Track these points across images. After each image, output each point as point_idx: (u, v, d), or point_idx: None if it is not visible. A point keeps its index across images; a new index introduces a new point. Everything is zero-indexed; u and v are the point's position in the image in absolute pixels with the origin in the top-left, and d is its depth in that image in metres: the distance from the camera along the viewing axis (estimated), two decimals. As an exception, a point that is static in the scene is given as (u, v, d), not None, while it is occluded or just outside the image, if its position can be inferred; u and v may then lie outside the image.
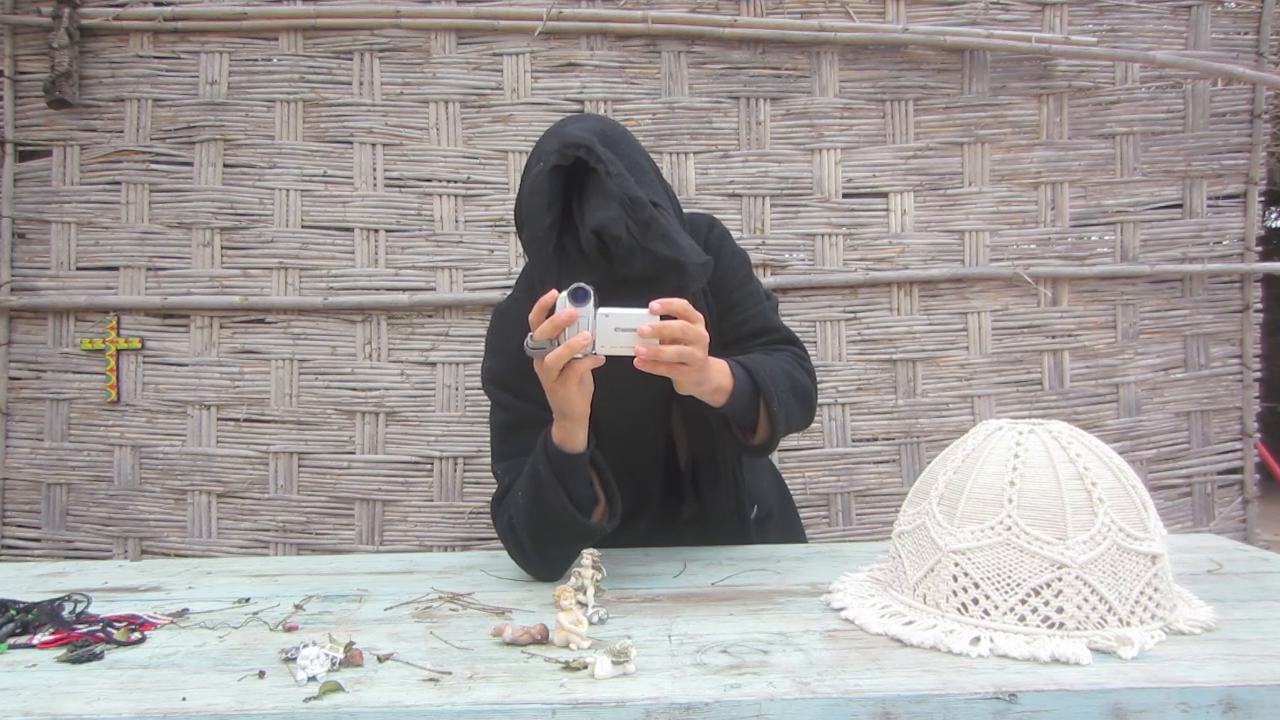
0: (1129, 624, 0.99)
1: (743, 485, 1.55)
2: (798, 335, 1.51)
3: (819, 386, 2.35)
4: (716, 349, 1.43)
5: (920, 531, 1.09)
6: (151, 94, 2.38)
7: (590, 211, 1.26)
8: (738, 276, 1.51)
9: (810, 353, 2.35)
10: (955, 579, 1.03)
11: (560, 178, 1.27)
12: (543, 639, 1.00)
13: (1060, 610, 0.98)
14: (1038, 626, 0.98)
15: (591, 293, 1.12)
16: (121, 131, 2.38)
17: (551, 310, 1.13)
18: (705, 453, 1.48)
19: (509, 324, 1.44)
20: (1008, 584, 1.00)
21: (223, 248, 2.38)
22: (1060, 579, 0.99)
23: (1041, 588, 0.99)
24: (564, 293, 1.11)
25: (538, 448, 1.29)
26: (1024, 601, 0.99)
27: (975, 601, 1.01)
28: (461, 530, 2.37)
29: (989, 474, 1.05)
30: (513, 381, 1.41)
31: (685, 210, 1.57)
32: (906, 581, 1.09)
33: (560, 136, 1.28)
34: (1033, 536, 1.00)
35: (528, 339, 1.16)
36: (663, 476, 1.52)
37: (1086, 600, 0.99)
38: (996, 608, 1.00)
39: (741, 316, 1.48)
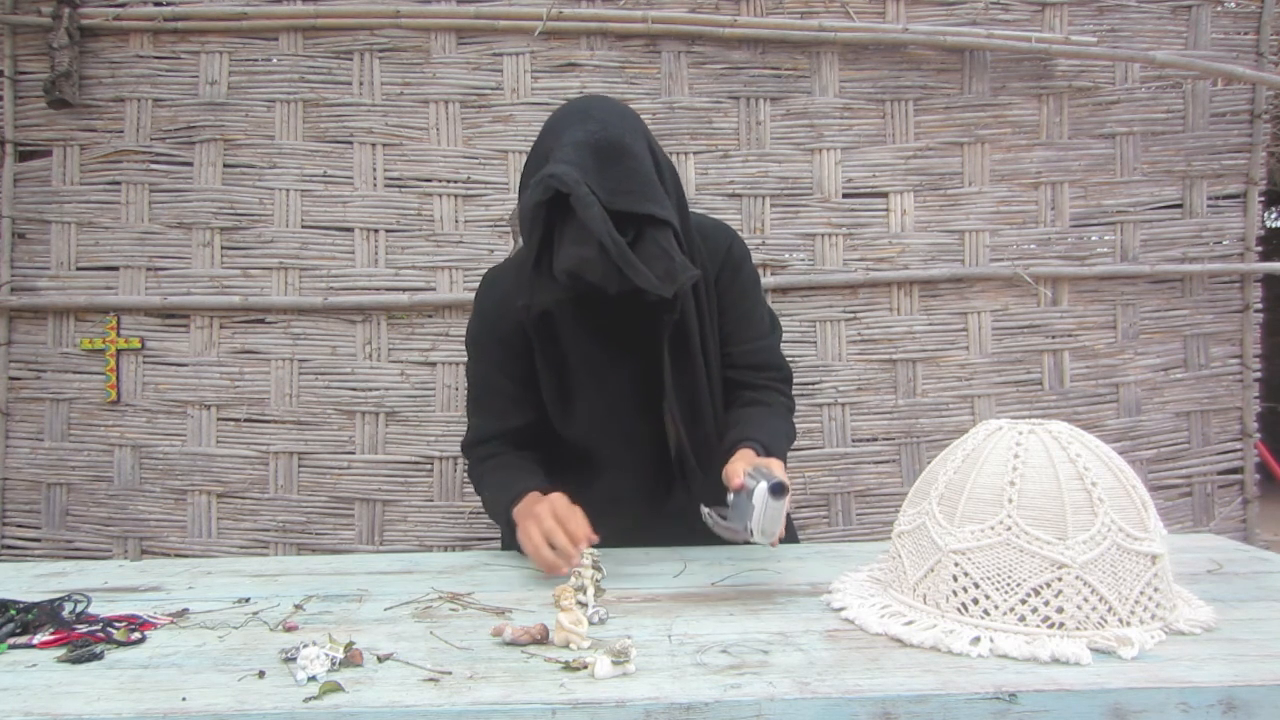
0: (1129, 624, 0.99)
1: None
2: (790, 368, 1.58)
3: (818, 386, 2.39)
4: (715, 354, 1.50)
5: (920, 531, 1.09)
6: (151, 94, 2.38)
7: (566, 247, 1.30)
8: (749, 299, 1.55)
9: (810, 353, 2.39)
10: (955, 579, 1.03)
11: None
12: (543, 639, 1.00)
13: (1060, 610, 0.98)
14: (1038, 626, 0.98)
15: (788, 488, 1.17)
16: (121, 131, 2.38)
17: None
18: (696, 444, 1.49)
19: (492, 287, 1.54)
20: (1008, 584, 1.00)
21: (223, 248, 2.38)
22: (1060, 579, 0.99)
23: (1041, 588, 0.99)
24: (763, 483, 1.15)
25: (503, 503, 1.40)
26: (1024, 601, 0.99)
27: (975, 601, 1.01)
28: (461, 530, 2.37)
29: (989, 474, 1.05)
30: (485, 342, 1.51)
31: (705, 217, 1.61)
32: (906, 581, 1.09)
33: (553, 164, 1.29)
34: (1033, 536, 1.00)
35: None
36: (653, 467, 1.53)
37: (1086, 600, 0.99)
38: (996, 608, 1.00)
39: (747, 346, 1.52)
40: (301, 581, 1.30)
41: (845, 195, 2.43)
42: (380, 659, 0.95)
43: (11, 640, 1.03)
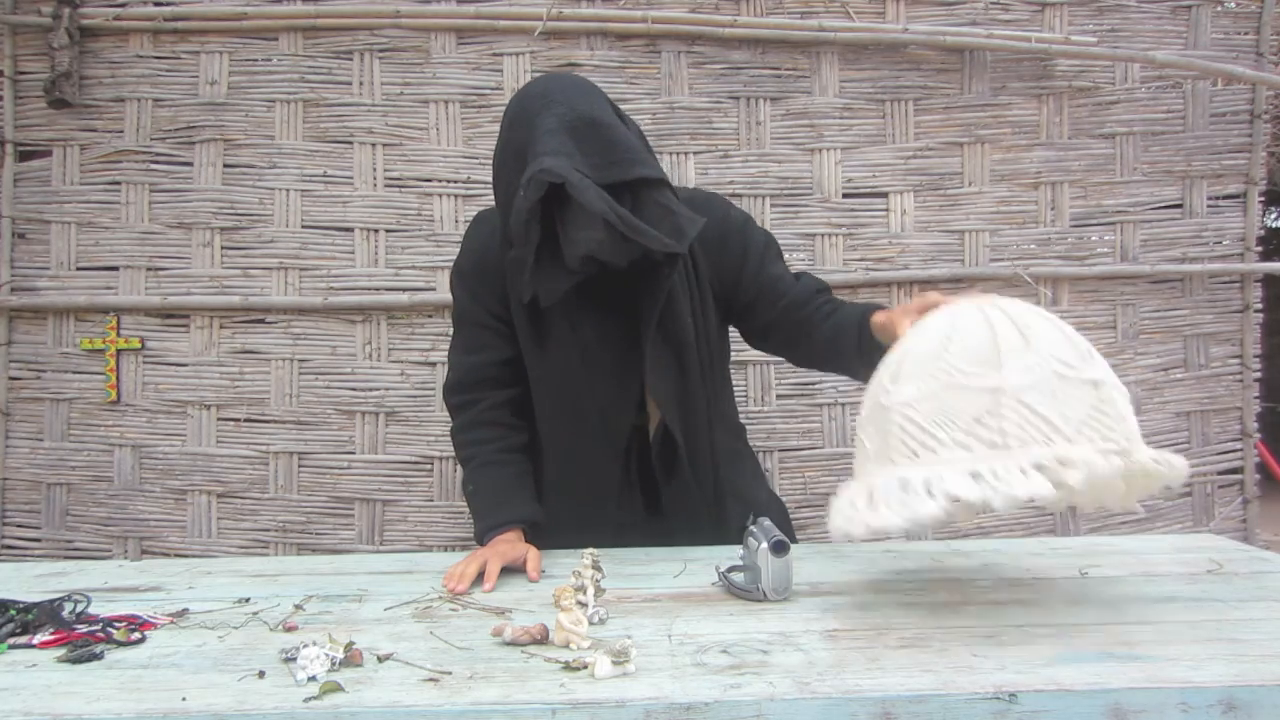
0: (1075, 443, 0.97)
1: (722, 482, 1.56)
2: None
3: (818, 385, 2.39)
4: (724, 315, 1.57)
5: (875, 410, 1.10)
6: (151, 94, 2.38)
7: (572, 234, 1.33)
8: (767, 260, 1.56)
9: (810, 352, 2.39)
10: (904, 429, 1.03)
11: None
12: (543, 639, 1.00)
13: (1002, 432, 0.98)
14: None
15: (790, 546, 1.18)
16: (121, 131, 2.37)
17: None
18: (685, 418, 1.50)
19: (480, 226, 1.58)
20: (950, 421, 1.00)
21: (223, 248, 2.38)
22: (999, 403, 0.98)
23: (983, 415, 0.99)
24: (765, 543, 1.16)
25: (486, 523, 1.43)
26: (967, 433, 0.99)
27: (925, 446, 1.01)
28: (462, 530, 2.37)
29: (927, 339, 1.08)
30: (469, 279, 1.55)
31: (699, 190, 1.64)
32: (870, 458, 1.10)
33: (536, 158, 1.29)
34: (969, 373, 1.01)
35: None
36: (634, 461, 1.55)
37: (1028, 420, 0.98)
38: (942, 444, 1.00)
39: (793, 295, 1.52)
40: (301, 581, 1.30)
41: (845, 195, 2.43)
42: (380, 659, 0.95)
43: (11, 640, 1.03)
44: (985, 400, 0.99)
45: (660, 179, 1.35)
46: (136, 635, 1.04)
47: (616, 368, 1.48)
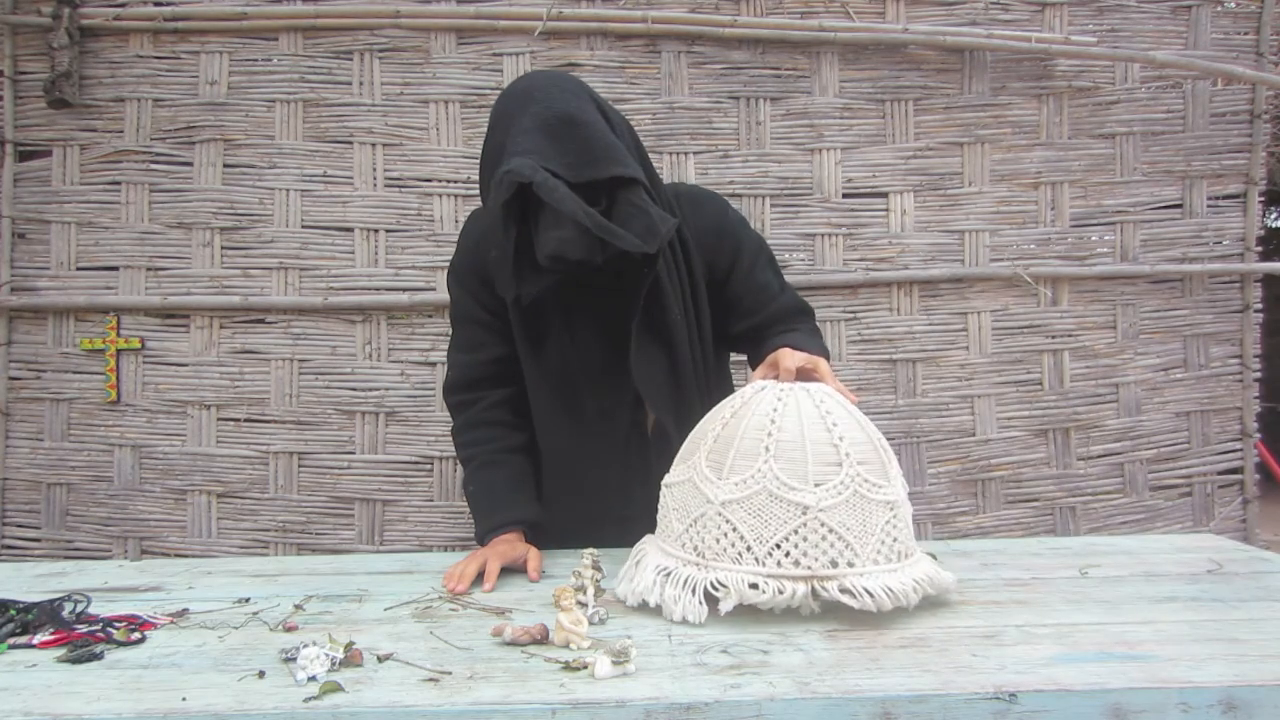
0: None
1: None
2: (807, 303, 1.65)
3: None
4: (720, 317, 1.55)
5: (688, 485, 1.16)
6: (151, 94, 2.38)
7: (543, 233, 1.34)
8: (757, 266, 1.56)
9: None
10: (720, 527, 1.10)
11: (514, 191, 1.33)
12: (543, 639, 1.00)
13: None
14: (779, 564, 1.06)
15: None
16: (121, 131, 2.37)
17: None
18: (680, 420, 1.50)
19: (475, 224, 1.59)
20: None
21: (223, 248, 2.38)
22: (805, 524, 1.06)
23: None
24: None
25: (485, 525, 1.44)
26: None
27: (748, 548, 1.08)
28: (462, 530, 2.37)
29: (751, 430, 1.14)
30: (465, 277, 1.55)
31: (699, 187, 1.64)
32: (673, 532, 1.16)
33: (508, 158, 1.30)
34: (784, 484, 1.07)
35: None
36: (634, 457, 1.54)
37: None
38: (750, 549, 1.07)
39: (769, 311, 1.54)
40: (301, 581, 1.30)
41: (845, 195, 2.43)
42: (380, 659, 0.95)
43: (11, 640, 1.03)
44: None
45: (634, 178, 1.35)
46: (136, 635, 1.04)
47: (610, 363, 1.48)
